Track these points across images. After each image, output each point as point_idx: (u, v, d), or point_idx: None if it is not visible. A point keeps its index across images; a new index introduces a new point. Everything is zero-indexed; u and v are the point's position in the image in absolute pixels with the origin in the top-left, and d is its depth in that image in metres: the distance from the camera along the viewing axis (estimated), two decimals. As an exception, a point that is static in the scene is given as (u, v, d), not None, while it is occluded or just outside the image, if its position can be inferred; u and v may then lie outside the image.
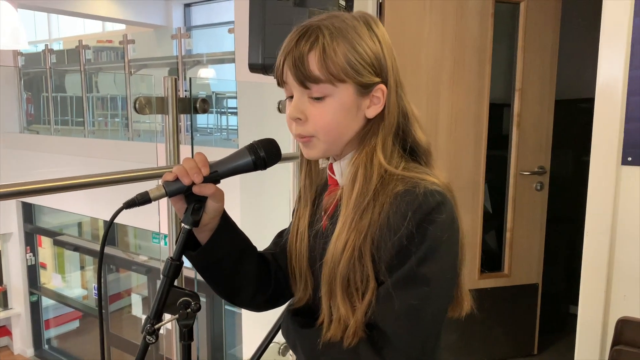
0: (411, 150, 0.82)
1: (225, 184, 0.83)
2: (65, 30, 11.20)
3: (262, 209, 2.62)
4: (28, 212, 6.91)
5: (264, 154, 0.80)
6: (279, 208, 2.40)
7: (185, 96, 1.80)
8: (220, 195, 0.80)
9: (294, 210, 0.93)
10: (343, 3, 1.56)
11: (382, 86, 0.79)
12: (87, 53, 6.82)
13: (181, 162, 0.79)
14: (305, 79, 0.76)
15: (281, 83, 0.81)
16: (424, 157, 0.83)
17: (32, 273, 7.13)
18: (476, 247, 2.46)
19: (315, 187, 0.91)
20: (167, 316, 0.79)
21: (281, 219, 0.99)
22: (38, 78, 7.37)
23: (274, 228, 1.03)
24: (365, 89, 0.78)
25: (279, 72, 0.79)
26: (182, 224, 0.78)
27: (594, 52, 1.57)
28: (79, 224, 7.09)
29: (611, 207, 1.54)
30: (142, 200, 0.74)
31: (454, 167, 2.39)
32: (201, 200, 0.79)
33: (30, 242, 7.05)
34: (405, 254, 0.72)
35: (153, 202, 0.76)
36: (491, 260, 2.56)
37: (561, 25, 2.47)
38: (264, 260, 0.94)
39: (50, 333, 7.34)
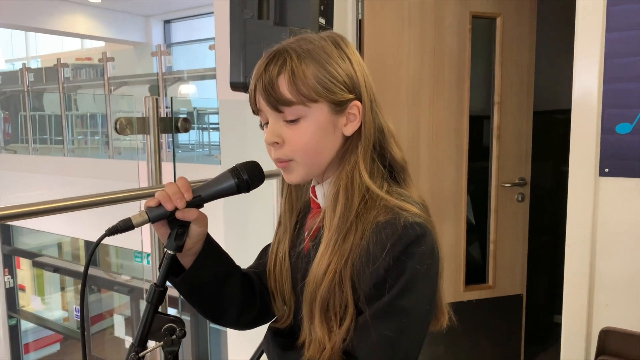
0: (389, 166, 0.82)
1: (207, 202, 0.82)
2: (43, 48, 11.10)
3: (245, 225, 2.61)
4: (6, 234, 6.77)
5: (247, 177, 0.80)
6: (262, 224, 2.39)
7: (167, 115, 1.79)
8: (203, 220, 0.80)
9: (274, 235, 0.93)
10: (323, 21, 1.58)
11: (357, 102, 0.79)
12: (65, 71, 6.76)
13: (164, 187, 0.78)
14: (277, 103, 0.76)
15: (256, 111, 0.81)
16: (401, 173, 0.83)
17: (11, 296, 6.96)
18: (460, 260, 2.48)
19: (297, 211, 0.90)
20: (151, 343, 0.77)
21: (265, 235, 0.99)
22: (15, 97, 7.27)
23: (258, 244, 1.03)
24: (339, 106, 0.78)
25: (252, 100, 0.80)
26: (166, 250, 0.78)
27: (570, 63, 1.60)
28: (59, 245, 6.97)
29: (590, 218, 1.57)
30: (125, 227, 0.74)
31: (436, 180, 2.41)
32: (184, 225, 0.78)
33: (9, 264, 6.89)
34: (384, 286, 0.73)
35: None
36: (475, 272, 2.58)
37: (537, 37, 2.52)
38: (248, 280, 0.93)
39: (30, 357, 7.14)
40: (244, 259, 1.03)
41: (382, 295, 0.73)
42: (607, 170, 1.55)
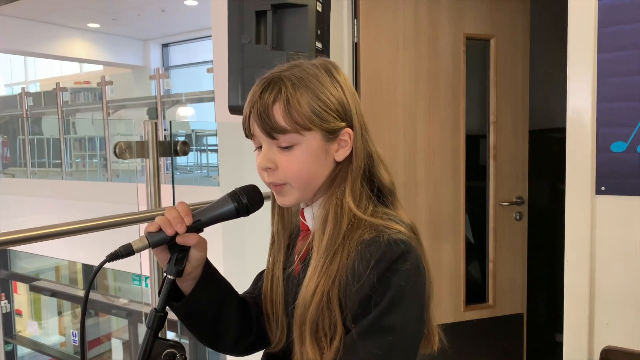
0: (377, 190, 0.84)
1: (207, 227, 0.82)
2: (42, 72, 11.19)
3: (244, 248, 2.60)
4: (3, 258, 6.73)
5: (246, 201, 0.81)
6: (261, 247, 2.38)
7: (165, 137, 1.80)
8: (203, 244, 0.80)
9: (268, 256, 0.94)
10: (319, 45, 1.60)
11: (349, 130, 0.81)
12: (64, 95, 6.80)
13: (163, 211, 0.79)
14: (271, 130, 0.77)
15: (249, 135, 0.82)
16: (389, 196, 0.85)
17: (7, 321, 6.88)
18: (460, 279, 2.47)
19: (289, 232, 0.91)
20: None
21: (264, 258, 0.99)
22: (14, 121, 7.31)
23: (256, 267, 1.03)
24: (331, 134, 0.79)
25: (246, 125, 0.81)
26: (166, 275, 0.78)
27: (563, 82, 1.62)
28: (56, 268, 6.92)
29: (588, 236, 1.57)
30: (125, 252, 0.74)
31: (434, 199, 2.42)
32: (184, 250, 0.79)
33: (5, 289, 6.83)
34: (369, 303, 0.73)
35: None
36: (475, 292, 2.57)
37: (530, 57, 2.56)
38: (245, 305, 0.94)
39: (26, 383, 7.04)
40: (243, 281, 1.03)
41: (367, 313, 0.73)
42: (603, 188, 1.56)
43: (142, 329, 0.78)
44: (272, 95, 0.77)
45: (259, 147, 0.81)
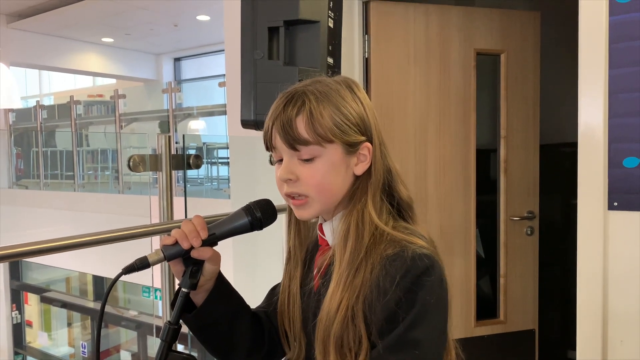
0: (397, 204, 0.85)
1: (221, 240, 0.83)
2: (56, 85, 11.35)
3: (255, 260, 2.61)
4: (15, 269, 6.77)
5: (260, 215, 0.82)
6: (272, 261, 2.39)
7: (177, 150, 1.82)
8: (217, 258, 0.81)
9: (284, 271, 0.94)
10: (331, 61, 1.62)
11: (368, 144, 0.82)
12: (78, 108, 6.89)
13: (178, 223, 0.80)
14: (294, 142, 0.78)
15: (270, 147, 0.84)
16: (408, 211, 0.86)
17: (18, 332, 6.91)
18: (470, 294, 2.46)
19: (306, 247, 0.92)
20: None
21: (274, 271, 0.99)
22: (29, 133, 7.41)
23: (267, 280, 1.04)
24: (352, 147, 0.81)
25: (268, 137, 0.82)
26: (180, 287, 0.79)
27: (574, 97, 1.62)
28: (67, 279, 6.95)
29: (601, 252, 1.56)
30: (141, 265, 0.75)
31: (445, 214, 2.41)
32: (199, 263, 0.80)
33: (17, 300, 6.87)
34: (395, 318, 0.74)
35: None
36: (486, 307, 2.54)
37: (541, 72, 2.56)
38: (257, 320, 0.94)
39: (35, 395, 7.04)
40: (254, 295, 1.03)
41: (394, 327, 0.74)
42: (616, 204, 1.55)
43: (152, 341, 0.79)
44: (295, 108, 0.78)
45: (279, 160, 0.83)
